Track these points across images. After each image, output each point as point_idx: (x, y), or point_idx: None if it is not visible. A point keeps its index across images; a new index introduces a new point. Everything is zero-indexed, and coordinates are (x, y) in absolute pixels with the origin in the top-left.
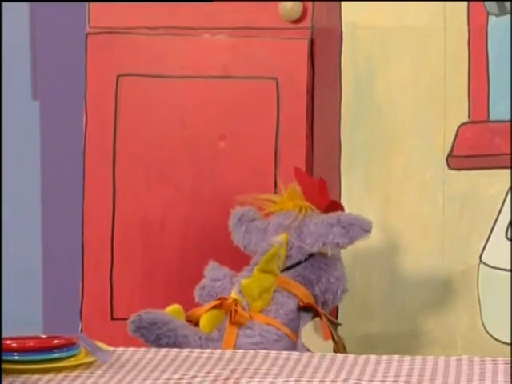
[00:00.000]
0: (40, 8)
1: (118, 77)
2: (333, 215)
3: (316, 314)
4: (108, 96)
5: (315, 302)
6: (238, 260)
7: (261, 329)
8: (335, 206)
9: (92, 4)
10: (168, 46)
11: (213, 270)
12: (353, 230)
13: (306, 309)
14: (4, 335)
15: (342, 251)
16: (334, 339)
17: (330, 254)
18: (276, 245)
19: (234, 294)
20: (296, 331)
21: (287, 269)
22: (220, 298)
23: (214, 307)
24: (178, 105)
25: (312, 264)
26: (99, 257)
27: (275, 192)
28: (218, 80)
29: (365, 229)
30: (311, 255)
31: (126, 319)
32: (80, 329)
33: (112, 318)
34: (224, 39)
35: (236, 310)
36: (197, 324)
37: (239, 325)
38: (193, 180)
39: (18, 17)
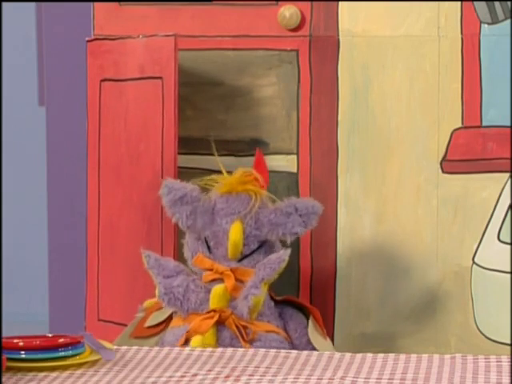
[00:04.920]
0: (46, 17)
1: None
2: (289, 203)
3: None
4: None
5: None
6: None
7: (266, 338)
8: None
9: (97, 11)
10: None
11: (158, 264)
12: (309, 218)
13: (286, 303)
14: (12, 334)
15: (339, 251)
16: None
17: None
18: (286, 259)
19: (215, 303)
20: (282, 327)
21: (244, 257)
22: (212, 311)
23: (214, 321)
24: None
25: (265, 250)
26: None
27: None
28: None
29: (319, 214)
30: (264, 241)
31: (109, 321)
32: (84, 328)
33: (98, 319)
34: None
35: (245, 326)
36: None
37: (252, 341)
38: None
39: (26, 27)
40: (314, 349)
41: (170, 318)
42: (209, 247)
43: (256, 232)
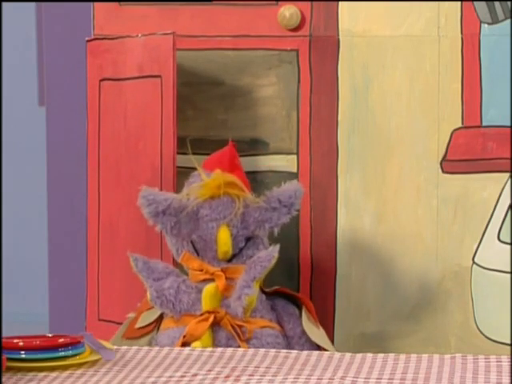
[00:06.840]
0: (46, 17)
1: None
2: (271, 197)
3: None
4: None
5: None
6: None
7: (261, 335)
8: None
9: (97, 11)
10: None
11: (147, 267)
12: (294, 205)
13: (277, 294)
14: (12, 334)
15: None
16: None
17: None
18: (275, 256)
19: (207, 303)
20: (274, 319)
21: (234, 256)
22: (206, 312)
23: (210, 323)
24: None
25: (254, 243)
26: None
27: None
28: None
29: (301, 197)
30: (250, 237)
31: (110, 321)
32: (84, 328)
33: (99, 319)
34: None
35: (240, 326)
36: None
37: (248, 340)
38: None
39: (26, 27)
40: (308, 339)
41: (160, 318)
42: (195, 248)
43: (243, 231)
